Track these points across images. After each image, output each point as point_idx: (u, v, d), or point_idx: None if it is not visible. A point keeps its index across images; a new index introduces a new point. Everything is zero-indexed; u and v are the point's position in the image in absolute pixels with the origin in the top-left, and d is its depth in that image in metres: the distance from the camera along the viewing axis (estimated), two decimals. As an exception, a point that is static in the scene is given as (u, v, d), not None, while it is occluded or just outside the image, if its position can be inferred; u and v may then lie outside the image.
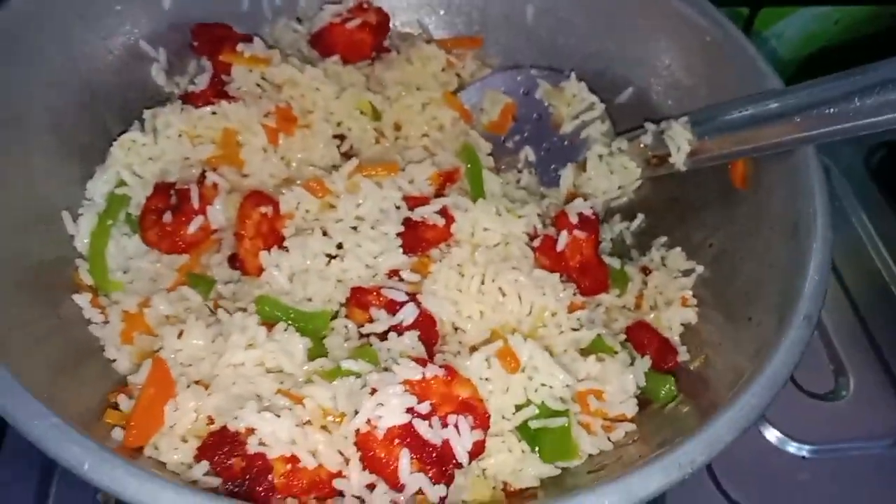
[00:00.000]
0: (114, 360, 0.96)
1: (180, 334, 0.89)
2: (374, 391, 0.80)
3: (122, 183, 1.09)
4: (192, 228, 1.03)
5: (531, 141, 1.33)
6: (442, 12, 1.41)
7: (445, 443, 0.78)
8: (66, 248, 1.03)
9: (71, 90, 1.08)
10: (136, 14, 1.17)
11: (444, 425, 0.79)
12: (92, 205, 1.08)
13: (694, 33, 1.20)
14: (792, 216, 0.97)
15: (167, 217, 1.04)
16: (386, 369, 0.89)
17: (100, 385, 0.92)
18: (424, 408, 0.79)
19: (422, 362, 0.84)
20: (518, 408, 0.89)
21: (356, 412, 0.80)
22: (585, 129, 1.30)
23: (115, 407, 0.87)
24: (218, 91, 1.18)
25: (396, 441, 0.77)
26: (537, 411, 0.88)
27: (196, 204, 1.04)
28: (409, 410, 0.79)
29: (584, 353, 0.98)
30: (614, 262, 1.14)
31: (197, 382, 0.87)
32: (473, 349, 0.98)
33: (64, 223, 1.04)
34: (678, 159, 1.15)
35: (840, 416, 1.35)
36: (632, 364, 0.98)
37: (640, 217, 1.25)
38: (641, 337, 1.02)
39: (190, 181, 1.06)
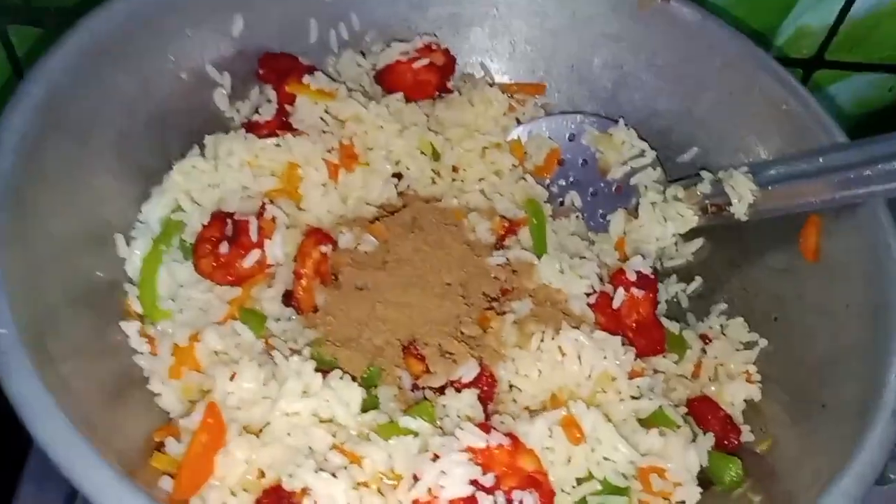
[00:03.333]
0: (158, 395, 0.93)
1: (233, 376, 0.86)
2: (435, 457, 0.76)
3: (178, 208, 1.07)
4: (248, 262, 1.01)
5: (577, 186, 1.31)
6: (506, 56, 1.40)
7: (510, 520, 0.74)
8: (116, 272, 1.01)
9: (137, 112, 1.06)
10: (206, 39, 1.15)
11: (509, 501, 0.75)
12: (146, 229, 1.06)
13: (768, 99, 1.18)
14: (872, 298, 0.93)
15: (223, 248, 1.02)
16: (442, 429, 0.86)
17: (143, 421, 0.89)
18: (489, 480, 0.75)
19: (485, 428, 0.80)
20: (579, 481, 0.85)
21: (414, 476, 0.77)
22: (636, 176, 1.28)
23: (160, 448, 0.83)
24: (281, 122, 1.16)
25: (458, 514, 0.74)
26: (600, 487, 0.84)
27: (254, 237, 1.01)
28: (473, 482, 0.75)
29: (644, 424, 0.94)
30: (672, 326, 1.11)
31: (246, 429, 0.84)
32: (528, 411, 0.95)
33: (116, 245, 1.02)
34: (739, 209, 1.12)
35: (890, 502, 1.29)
36: (693, 440, 0.93)
37: (699, 280, 1.22)
38: (705, 412, 0.98)
39: (249, 213, 1.04)
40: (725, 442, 0.96)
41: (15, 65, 1.38)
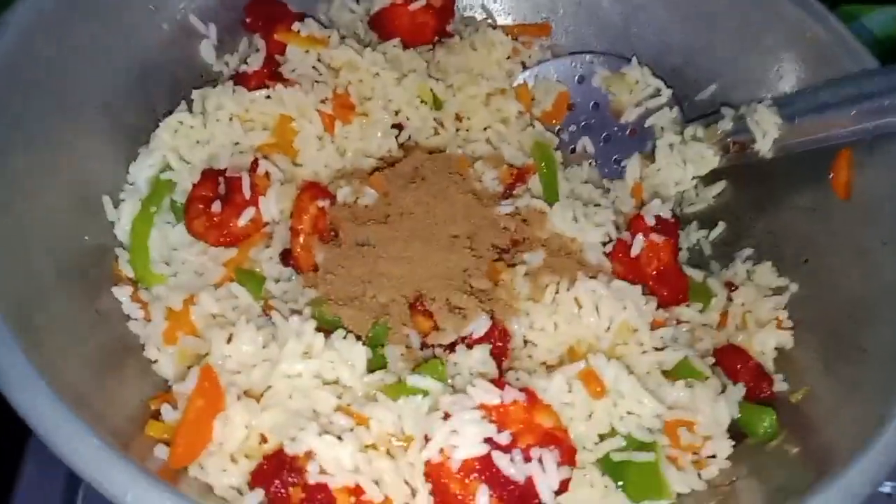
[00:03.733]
0: (154, 361, 0.88)
1: (229, 338, 0.80)
2: (447, 416, 0.71)
3: (167, 167, 1.01)
4: (242, 221, 0.95)
5: (589, 131, 1.23)
6: (509, -5, 1.31)
7: (528, 480, 0.69)
8: (106, 236, 0.96)
9: (120, 68, 1.00)
10: (188, -14, 1.08)
11: (527, 459, 0.70)
12: (134, 190, 1.00)
13: (791, 27, 1.10)
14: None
15: (216, 207, 0.96)
16: (454, 388, 0.80)
17: (139, 388, 0.85)
18: (504, 438, 0.70)
19: (499, 384, 0.74)
20: (601, 437, 0.80)
21: (425, 437, 0.71)
22: (651, 117, 1.20)
23: (157, 416, 0.79)
24: (272, 72, 1.09)
25: (473, 475, 0.69)
26: (624, 443, 0.78)
27: (248, 194, 0.96)
28: (488, 441, 0.70)
29: (669, 376, 0.88)
30: (696, 274, 1.04)
31: (246, 393, 0.79)
32: (545, 366, 0.89)
33: (104, 208, 0.96)
34: (764, 146, 1.05)
35: None
36: (723, 392, 0.87)
37: (722, 226, 1.14)
38: (733, 362, 0.92)
39: (241, 169, 0.98)
40: (757, 392, 0.90)
41: None
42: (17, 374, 0.66)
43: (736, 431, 0.85)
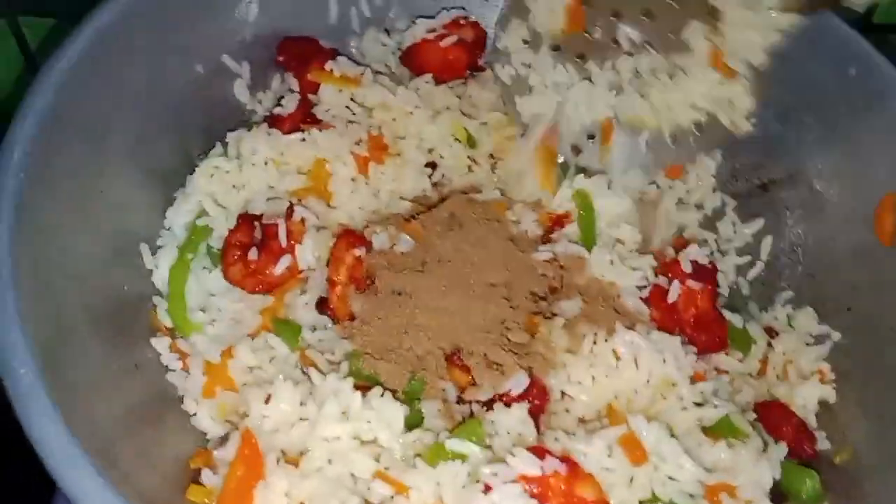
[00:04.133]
0: (193, 415, 0.89)
1: (268, 399, 0.81)
2: (487, 488, 0.71)
3: (203, 212, 1.02)
4: (279, 269, 0.95)
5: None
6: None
7: (572, 555, 0.68)
8: (144, 285, 0.96)
9: (153, 110, 0.99)
10: (221, 27, 1.08)
11: (570, 534, 0.69)
12: (171, 236, 1.00)
13: None
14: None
15: (252, 254, 0.96)
16: (491, 448, 0.80)
17: (177, 444, 0.85)
18: (546, 513, 0.70)
19: (539, 452, 0.74)
20: (642, 504, 0.79)
21: (464, 509, 0.71)
22: None
23: (196, 477, 0.79)
24: (306, 113, 1.09)
25: (516, 550, 0.68)
26: (666, 508, 0.78)
27: (284, 242, 0.95)
28: (530, 518, 0.69)
29: (709, 433, 0.87)
30: (735, 319, 1.02)
31: (284, 454, 0.79)
32: (582, 422, 0.88)
33: (142, 256, 0.97)
34: None
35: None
36: (764, 450, 0.86)
37: (760, 265, 1.12)
38: (776, 418, 0.90)
39: (277, 215, 0.98)
40: (799, 451, 0.89)
41: (27, 57, 1.33)
42: (55, 443, 0.66)
43: (776, 492, 0.84)
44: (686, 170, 1.14)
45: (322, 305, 0.96)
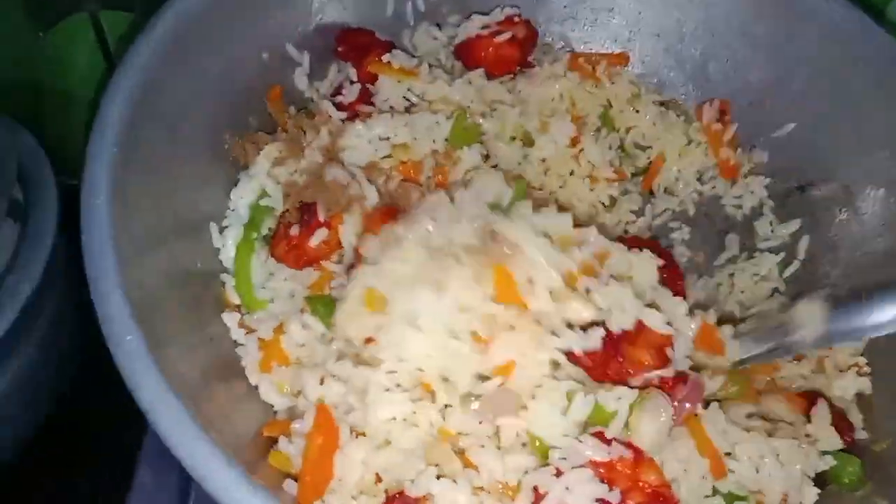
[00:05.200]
0: (256, 387, 0.93)
1: (322, 380, 0.84)
2: (558, 472, 0.75)
3: (265, 194, 1.06)
4: (314, 241, 0.97)
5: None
6: (587, 24, 1.33)
7: (640, 539, 0.72)
8: (213, 262, 1.00)
9: (224, 96, 1.04)
10: (288, 17, 1.12)
11: (638, 519, 0.73)
12: (236, 216, 1.04)
13: (875, 74, 1.11)
14: None
15: (294, 230, 1.00)
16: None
17: (250, 412, 0.89)
18: (615, 497, 0.73)
19: (605, 439, 0.78)
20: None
21: (534, 489, 0.74)
22: None
23: (274, 444, 0.83)
24: (365, 102, 1.13)
25: (586, 534, 0.72)
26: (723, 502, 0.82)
27: (322, 216, 0.98)
28: (599, 501, 0.73)
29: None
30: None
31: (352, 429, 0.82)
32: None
33: (211, 235, 1.01)
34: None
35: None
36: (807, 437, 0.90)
37: (796, 264, 1.17)
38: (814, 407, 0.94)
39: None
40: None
41: (105, 51, 1.35)
42: (162, 406, 0.70)
43: (818, 477, 0.88)
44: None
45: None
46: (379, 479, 0.78)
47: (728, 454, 0.85)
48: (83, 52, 1.30)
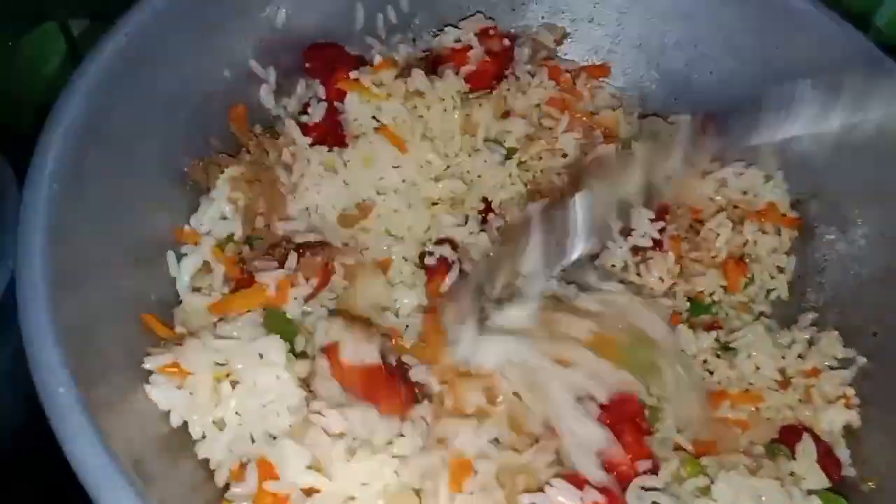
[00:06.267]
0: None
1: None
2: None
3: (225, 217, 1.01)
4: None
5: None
6: (568, 38, 1.29)
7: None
8: (169, 293, 0.95)
9: (181, 115, 0.98)
10: (250, 32, 1.07)
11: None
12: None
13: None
14: None
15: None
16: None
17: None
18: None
19: (578, 483, 0.73)
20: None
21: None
22: None
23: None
24: (333, 122, 1.08)
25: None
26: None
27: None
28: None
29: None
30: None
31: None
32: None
33: (167, 264, 0.96)
34: None
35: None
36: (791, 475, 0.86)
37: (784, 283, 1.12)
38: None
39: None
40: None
41: (77, 59, 1.31)
42: (90, 458, 0.64)
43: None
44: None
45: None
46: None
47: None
48: (53, 61, 1.28)
